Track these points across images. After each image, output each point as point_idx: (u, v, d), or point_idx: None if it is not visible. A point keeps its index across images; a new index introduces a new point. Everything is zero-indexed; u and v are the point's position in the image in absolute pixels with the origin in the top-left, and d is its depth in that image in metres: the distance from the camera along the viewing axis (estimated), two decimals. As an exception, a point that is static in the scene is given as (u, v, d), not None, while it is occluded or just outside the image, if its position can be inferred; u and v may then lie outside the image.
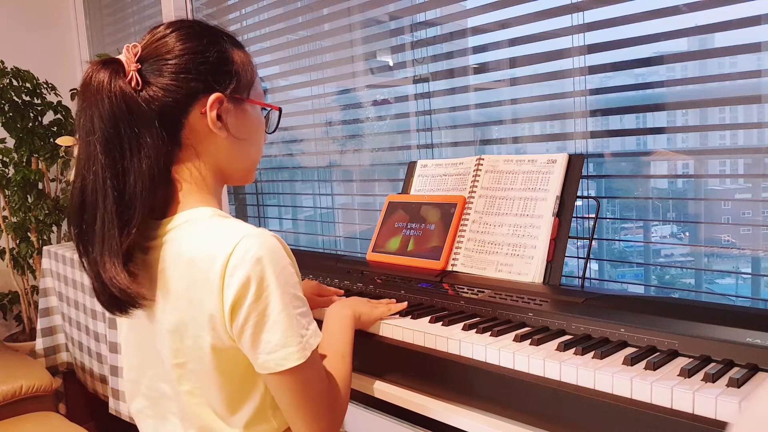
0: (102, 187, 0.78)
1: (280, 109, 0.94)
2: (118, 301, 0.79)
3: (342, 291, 1.26)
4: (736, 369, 0.77)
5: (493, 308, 1.05)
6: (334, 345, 0.94)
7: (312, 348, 0.79)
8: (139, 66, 0.80)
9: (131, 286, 0.77)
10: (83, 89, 0.79)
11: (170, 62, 0.80)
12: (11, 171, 2.58)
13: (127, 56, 0.80)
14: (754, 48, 1.12)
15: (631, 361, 0.80)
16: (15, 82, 2.54)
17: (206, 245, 0.78)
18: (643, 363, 0.79)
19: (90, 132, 0.78)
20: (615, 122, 1.38)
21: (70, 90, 2.71)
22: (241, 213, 2.48)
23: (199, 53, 0.82)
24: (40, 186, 2.65)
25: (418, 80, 1.71)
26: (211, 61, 0.82)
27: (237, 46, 0.88)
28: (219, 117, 0.83)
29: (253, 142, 0.90)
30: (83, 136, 0.79)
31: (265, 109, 0.92)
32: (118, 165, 0.78)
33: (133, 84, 0.78)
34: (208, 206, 0.84)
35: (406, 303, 1.13)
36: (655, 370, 0.77)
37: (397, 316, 1.10)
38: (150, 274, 0.81)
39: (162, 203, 0.83)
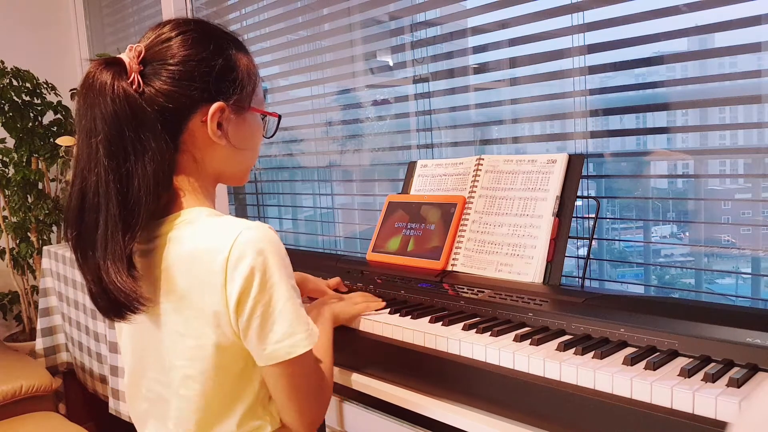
0: (105, 191, 0.76)
1: (279, 116, 0.94)
2: (118, 306, 0.78)
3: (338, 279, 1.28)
4: (736, 369, 0.77)
5: (493, 308, 1.05)
6: (320, 341, 0.95)
7: (317, 335, 0.80)
8: (141, 68, 0.79)
9: (136, 289, 0.77)
10: (85, 89, 0.78)
11: (174, 68, 0.79)
12: (11, 171, 2.58)
13: (129, 57, 0.79)
14: (754, 48, 1.12)
15: (631, 361, 0.80)
16: (15, 82, 2.54)
17: (206, 241, 0.78)
18: (643, 363, 0.79)
19: (92, 133, 0.77)
20: (615, 122, 1.38)
21: (70, 90, 2.71)
22: (241, 213, 2.48)
23: (203, 61, 0.81)
24: (40, 186, 2.65)
25: (418, 80, 1.71)
26: (215, 69, 0.81)
27: (242, 49, 0.87)
28: (219, 125, 0.83)
29: (251, 148, 0.90)
30: (84, 137, 0.78)
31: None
32: (122, 168, 0.76)
33: (134, 86, 0.77)
34: (204, 207, 0.84)
35: (383, 302, 1.14)
36: (655, 370, 0.77)
37: (377, 312, 1.10)
38: (151, 276, 0.81)
39: (162, 206, 0.83)
